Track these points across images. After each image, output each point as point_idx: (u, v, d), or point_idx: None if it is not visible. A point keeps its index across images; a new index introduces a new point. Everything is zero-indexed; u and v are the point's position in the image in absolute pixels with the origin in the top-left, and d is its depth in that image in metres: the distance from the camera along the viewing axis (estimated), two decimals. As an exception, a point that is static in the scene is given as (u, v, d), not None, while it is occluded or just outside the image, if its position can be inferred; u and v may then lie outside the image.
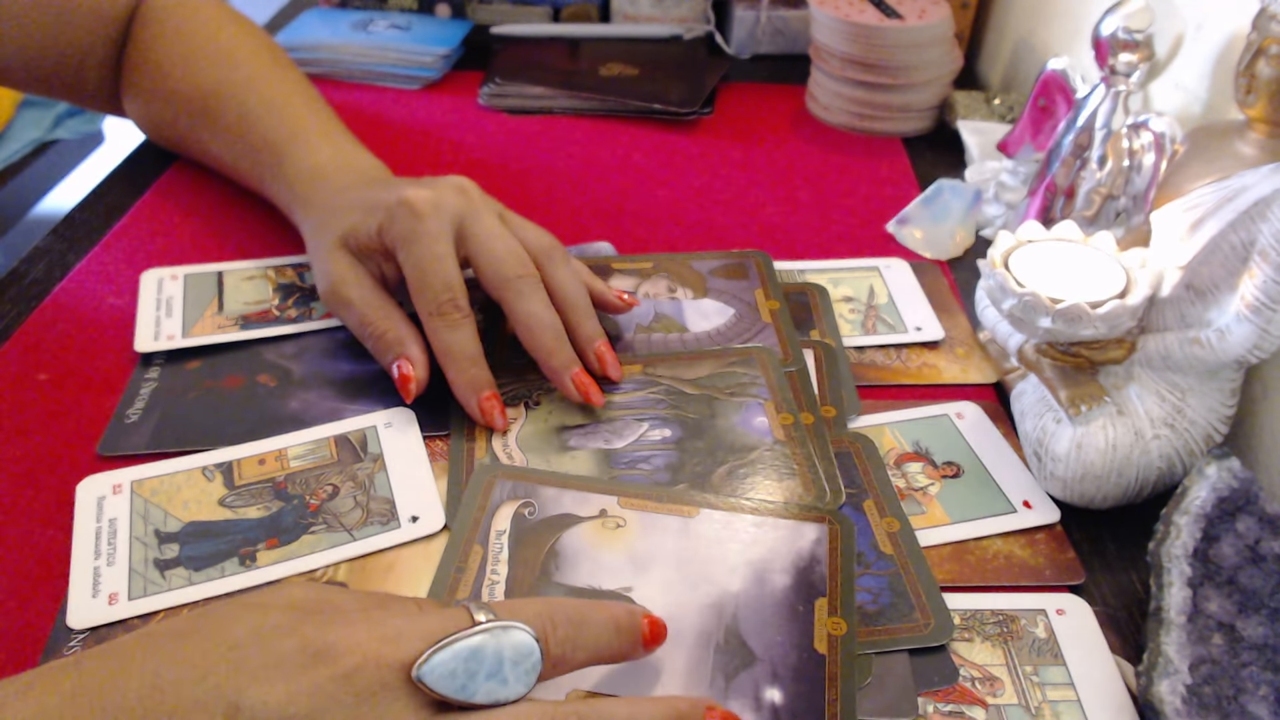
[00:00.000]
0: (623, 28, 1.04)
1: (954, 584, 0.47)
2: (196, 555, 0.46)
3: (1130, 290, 0.48)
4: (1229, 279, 0.46)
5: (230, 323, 0.61)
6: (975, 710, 0.41)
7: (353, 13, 1.03)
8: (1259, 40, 0.50)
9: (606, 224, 0.74)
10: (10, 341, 0.60)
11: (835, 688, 0.41)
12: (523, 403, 0.55)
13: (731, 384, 0.57)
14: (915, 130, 0.89)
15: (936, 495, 0.51)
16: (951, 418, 0.56)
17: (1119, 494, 0.49)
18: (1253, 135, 0.53)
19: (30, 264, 0.67)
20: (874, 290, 0.67)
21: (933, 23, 0.84)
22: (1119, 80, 0.61)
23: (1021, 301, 0.47)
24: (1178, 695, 0.39)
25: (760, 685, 0.41)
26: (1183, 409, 0.48)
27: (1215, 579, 0.43)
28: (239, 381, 0.57)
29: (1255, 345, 0.45)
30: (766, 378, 0.57)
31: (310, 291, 0.64)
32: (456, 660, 0.32)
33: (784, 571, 0.45)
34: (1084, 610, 0.45)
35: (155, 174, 0.78)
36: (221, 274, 0.66)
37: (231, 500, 0.49)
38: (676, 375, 0.57)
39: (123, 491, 0.49)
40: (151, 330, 0.60)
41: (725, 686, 0.41)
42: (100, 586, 0.45)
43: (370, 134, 0.86)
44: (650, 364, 0.58)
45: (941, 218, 0.72)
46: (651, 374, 0.57)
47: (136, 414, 0.54)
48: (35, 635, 0.43)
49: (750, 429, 0.54)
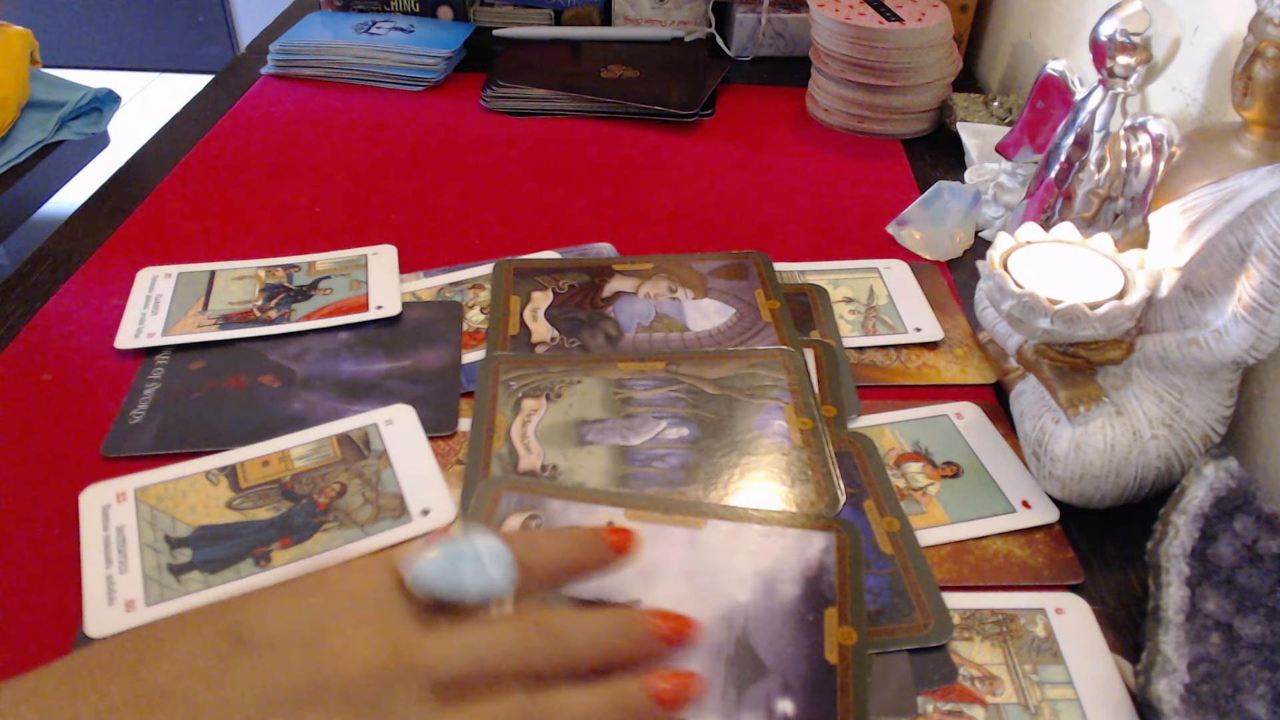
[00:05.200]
0: (624, 30, 1.04)
1: (953, 584, 0.47)
2: (210, 558, 0.47)
3: (1128, 291, 0.48)
4: (1226, 280, 0.46)
5: (211, 322, 0.62)
6: (975, 709, 0.42)
7: (355, 15, 1.04)
8: (1255, 43, 0.51)
9: (607, 225, 0.74)
10: (14, 342, 0.60)
11: (848, 698, 0.41)
12: (544, 395, 0.56)
13: (753, 385, 0.57)
14: (915, 132, 0.89)
15: (936, 495, 0.51)
16: (951, 418, 0.56)
17: (1117, 494, 0.49)
18: (1250, 137, 0.53)
19: (34, 265, 0.68)
20: (874, 291, 0.67)
21: (932, 25, 0.85)
22: (1117, 82, 0.62)
23: (1020, 302, 0.48)
24: (1176, 694, 0.39)
25: (772, 697, 0.41)
26: (1181, 409, 0.48)
27: (1213, 578, 0.43)
28: (242, 382, 0.58)
29: (1252, 346, 0.45)
30: (789, 380, 0.57)
31: (294, 293, 0.65)
32: (442, 559, 0.34)
33: (793, 581, 0.45)
34: (1083, 609, 0.46)
35: (159, 176, 0.79)
36: (214, 273, 0.66)
37: (239, 502, 0.50)
38: (699, 374, 0.57)
39: (127, 500, 0.49)
40: (134, 327, 0.61)
41: (737, 699, 0.41)
42: (115, 594, 0.45)
43: (372, 136, 0.87)
44: (674, 361, 0.58)
45: (941, 219, 0.72)
46: (674, 371, 0.57)
47: (140, 415, 0.55)
48: (56, 645, 0.43)
49: (767, 432, 0.54)
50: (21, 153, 1.22)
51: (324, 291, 0.65)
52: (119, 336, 0.60)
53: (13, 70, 1.23)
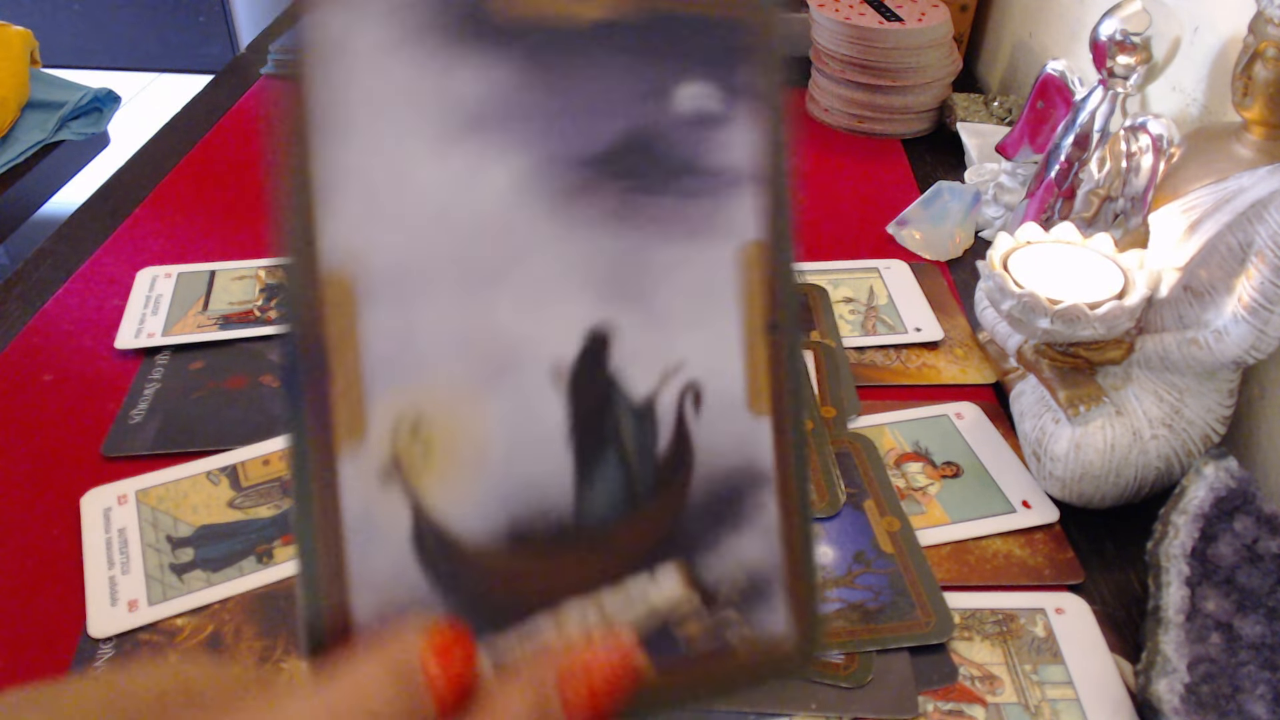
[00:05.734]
0: (624, 30, 1.04)
1: (954, 583, 0.47)
2: (212, 557, 0.47)
3: (1128, 291, 0.48)
4: (1226, 280, 0.46)
5: (211, 322, 0.62)
6: (975, 709, 0.42)
7: (355, 15, 1.04)
8: (1256, 43, 0.51)
9: (608, 226, 0.74)
10: (15, 342, 0.60)
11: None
12: None
13: None
14: (915, 132, 0.89)
15: (936, 495, 0.51)
16: (951, 418, 0.56)
17: (1117, 494, 0.49)
18: (1250, 137, 0.53)
19: (35, 265, 0.68)
20: (874, 291, 0.67)
21: (932, 25, 0.85)
22: (1117, 82, 0.62)
23: (1020, 302, 0.48)
24: (1176, 694, 0.39)
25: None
26: (1180, 409, 0.48)
27: (1213, 578, 0.43)
28: (242, 382, 0.58)
29: (1252, 346, 0.45)
30: None
31: None
32: None
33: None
34: (1083, 609, 0.46)
35: (159, 176, 0.79)
36: (214, 273, 0.66)
37: (241, 501, 0.50)
38: None
39: (128, 501, 0.50)
40: (134, 328, 0.61)
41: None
42: (118, 595, 0.45)
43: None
44: None
45: (941, 219, 0.72)
46: None
47: (140, 415, 0.55)
48: (61, 644, 0.43)
49: None
50: (21, 153, 1.22)
51: (324, 291, 0.65)
52: (119, 336, 0.60)
53: (13, 70, 1.23)
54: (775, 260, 0.26)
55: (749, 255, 0.26)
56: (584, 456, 0.25)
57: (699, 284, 0.26)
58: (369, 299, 0.23)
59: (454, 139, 0.24)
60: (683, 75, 0.25)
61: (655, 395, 0.25)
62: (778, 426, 0.26)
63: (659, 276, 0.25)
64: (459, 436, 0.24)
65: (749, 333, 0.26)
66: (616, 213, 0.25)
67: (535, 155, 0.24)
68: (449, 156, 0.24)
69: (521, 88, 0.24)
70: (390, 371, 0.23)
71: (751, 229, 0.26)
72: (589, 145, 0.25)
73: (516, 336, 0.24)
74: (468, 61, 0.24)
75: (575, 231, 0.25)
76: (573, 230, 0.25)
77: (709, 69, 0.26)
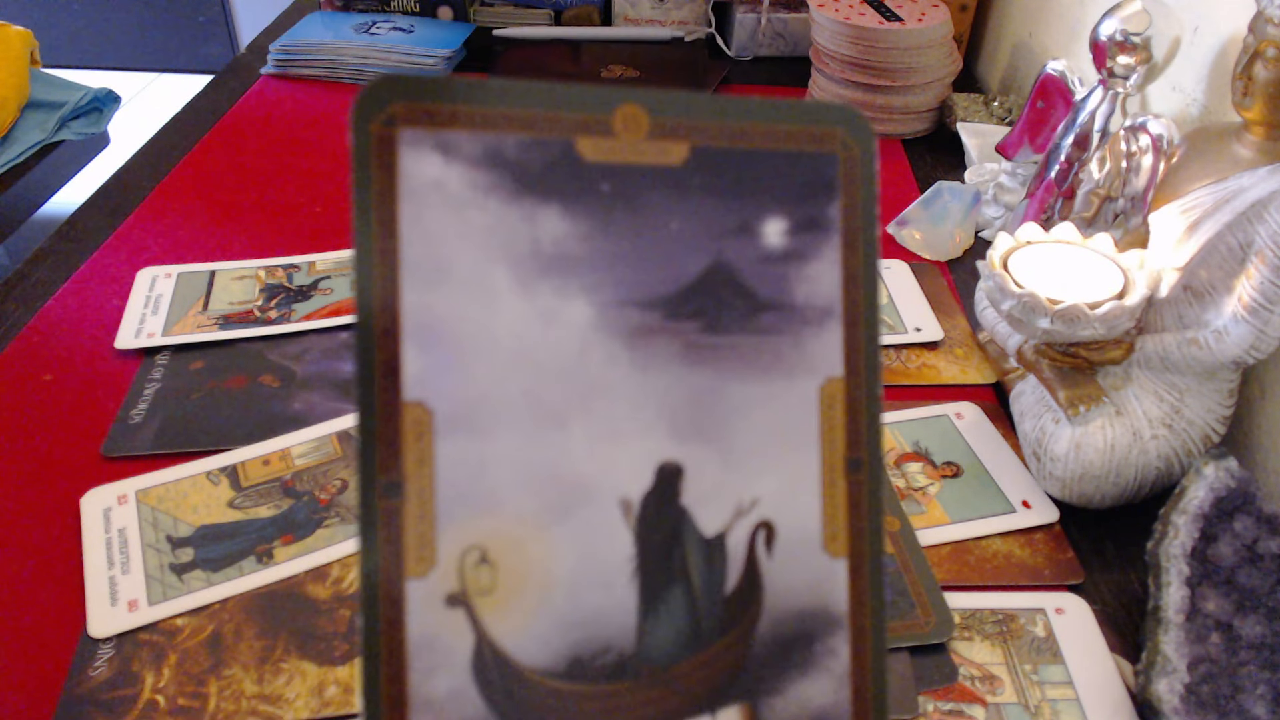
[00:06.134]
0: (624, 30, 1.04)
1: (954, 583, 0.47)
2: (212, 557, 0.47)
3: (1128, 291, 0.48)
4: (1226, 280, 0.46)
5: (211, 322, 0.62)
6: (975, 708, 0.42)
7: (355, 15, 1.04)
8: (1255, 43, 0.51)
9: (608, 226, 0.74)
10: (15, 342, 0.60)
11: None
12: None
13: None
14: (915, 132, 0.89)
15: (936, 495, 0.51)
16: (951, 418, 0.56)
17: (1117, 494, 0.49)
18: (1250, 137, 0.53)
19: (34, 265, 0.68)
20: (874, 291, 0.67)
21: (932, 25, 0.85)
22: (1117, 83, 0.62)
23: (1020, 302, 0.48)
24: (1176, 694, 0.39)
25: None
26: (1181, 409, 0.48)
27: (1213, 578, 0.43)
28: (242, 382, 0.58)
29: (1252, 346, 0.45)
30: None
31: (294, 293, 0.65)
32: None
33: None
34: (1083, 609, 0.46)
35: (159, 176, 0.79)
36: (214, 273, 0.66)
37: (240, 501, 0.50)
38: None
39: (128, 502, 0.50)
40: (134, 328, 0.61)
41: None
42: (118, 595, 0.45)
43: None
44: None
45: (941, 219, 0.72)
46: None
47: (140, 415, 0.55)
48: (61, 644, 0.43)
49: None
50: (21, 153, 1.22)
51: (324, 291, 0.65)
52: (119, 336, 0.60)
53: (13, 70, 1.23)
54: (858, 396, 0.26)
55: (831, 391, 0.26)
56: (650, 591, 0.25)
57: (777, 421, 0.26)
58: (446, 430, 0.23)
59: (535, 278, 0.24)
60: (768, 211, 0.26)
61: (726, 532, 0.25)
62: (854, 568, 0.26)
63: (735, 413, 0.25)
64: (525, 567, 0.24)
65: (828, 470, 0.26)
66: (694, 350, 0.25)
67: (614, 294, 0.25)
68: (530, 296, 0.24)
69: (605, 228, 0.25)
70: (463, 501, 0.24)
71: (834, 364, 0.26)
72: (669, 284, 0.25)
73: (588, 472, 0.25)
74: (553, 203, 0.24)
75: (651, 369, 0.25)
76: (648, 368, 0.25)
77: (796, 204, 0.26)
